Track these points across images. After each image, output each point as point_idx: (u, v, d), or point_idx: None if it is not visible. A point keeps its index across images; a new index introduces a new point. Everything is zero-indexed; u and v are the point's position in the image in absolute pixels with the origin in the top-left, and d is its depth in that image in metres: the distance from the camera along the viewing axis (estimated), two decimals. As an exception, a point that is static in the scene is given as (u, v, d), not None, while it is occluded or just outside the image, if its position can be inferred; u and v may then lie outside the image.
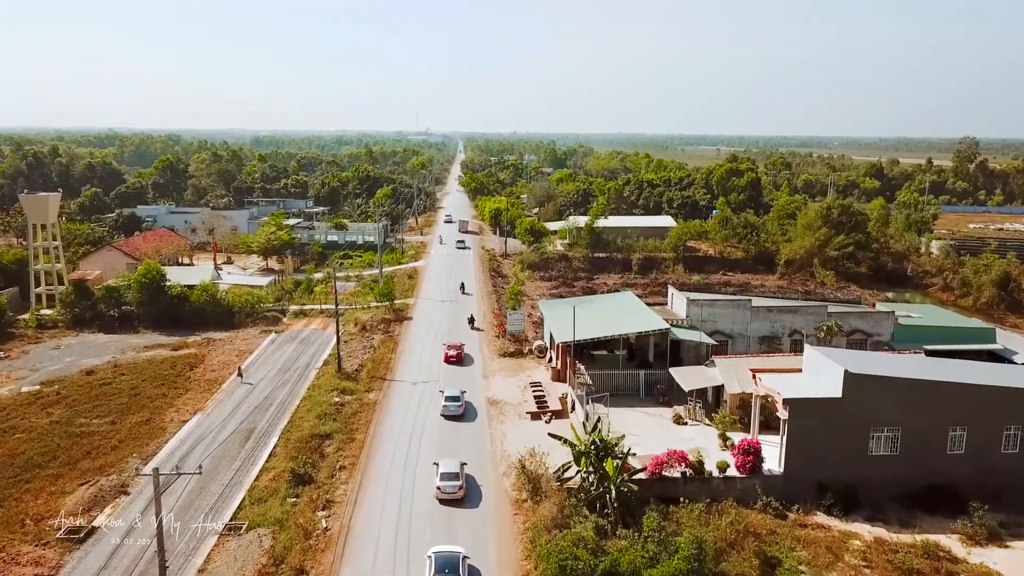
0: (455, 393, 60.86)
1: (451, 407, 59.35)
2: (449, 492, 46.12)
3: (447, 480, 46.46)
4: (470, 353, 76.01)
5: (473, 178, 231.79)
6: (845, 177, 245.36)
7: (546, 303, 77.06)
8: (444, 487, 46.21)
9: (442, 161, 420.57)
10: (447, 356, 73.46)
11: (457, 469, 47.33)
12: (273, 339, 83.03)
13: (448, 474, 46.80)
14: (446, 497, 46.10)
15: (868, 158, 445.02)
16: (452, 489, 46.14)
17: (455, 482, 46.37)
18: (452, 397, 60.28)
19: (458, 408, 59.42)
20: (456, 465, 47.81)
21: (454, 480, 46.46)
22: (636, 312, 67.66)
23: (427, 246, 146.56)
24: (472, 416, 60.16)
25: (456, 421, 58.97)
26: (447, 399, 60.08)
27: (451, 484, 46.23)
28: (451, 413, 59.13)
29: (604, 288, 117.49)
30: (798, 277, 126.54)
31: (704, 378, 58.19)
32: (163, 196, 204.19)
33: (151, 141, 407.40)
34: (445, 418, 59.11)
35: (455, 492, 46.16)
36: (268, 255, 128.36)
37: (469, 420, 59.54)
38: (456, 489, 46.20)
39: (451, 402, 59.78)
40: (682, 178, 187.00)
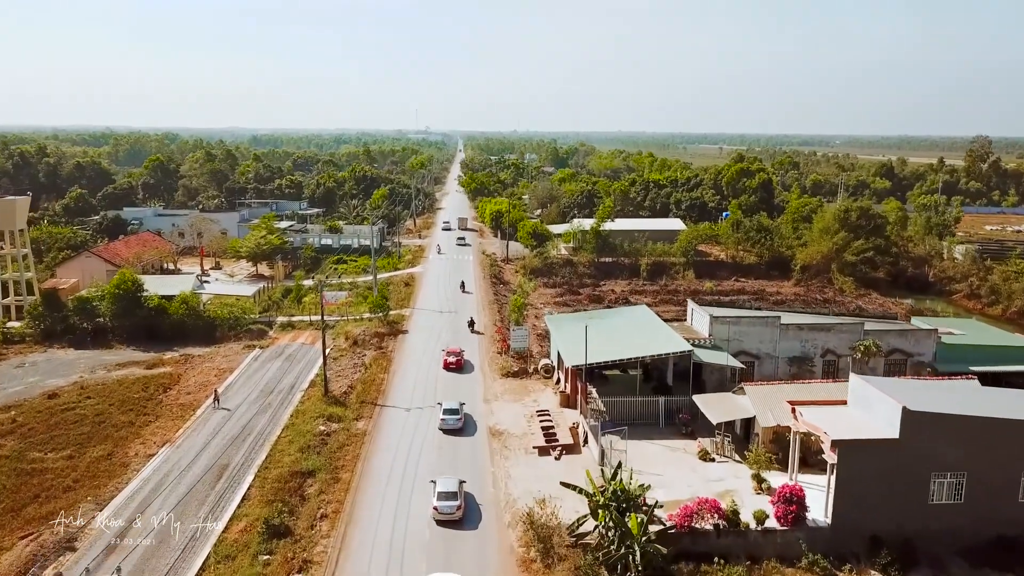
0: (454, 406, 57.40)
1: (449, 420, 56.07)
2: (446, 513, 43.31)
3: (445, 500, 43.63)
4: (470, 360, 72.87)
5: (473, 178, 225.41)
6: (855, 177, 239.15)
7: (553, 318, 70.69)
8: (441, 507, 43.38)
9: (441, 160, 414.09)
10: (446, 363, 70.42)
11: (455, 488, 44.43)
12: (257, 355, 76.69)
13: (447, 493, 43.96)
14: (443, 518, 43.31)
15: (872, 157, 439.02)
16: (450, 509, 43.37)
17: (453, 502, 43.57)
18: (451, 410, 56.86)
19: (457, 422, 56.10)
20: (454, 483, 44.86)
21: (453, 500, 43.66)
22: (654, 330, 61.27)
23: (425, 250, 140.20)
24: (471, 430, 56.62)
25: (455, 436, 55.59)
26: (445, 412, 56.76)
27: (450, 504, 43.46)
28: (449, 427, 55.88)
29: (612, 296, 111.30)
30: (815, 284, 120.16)
31: (733, 409, 51.84)
32: (154, 197, 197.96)
33: (146, 140, 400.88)
34: (443, 432, 55.79)
35: (452, 512, 43.37)
36: (257, 261, 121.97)
37: (468, 435, 56.02)
38: (454, 509, 43.43)
39: (449, 415, 56.42)
40: (689, 178, 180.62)
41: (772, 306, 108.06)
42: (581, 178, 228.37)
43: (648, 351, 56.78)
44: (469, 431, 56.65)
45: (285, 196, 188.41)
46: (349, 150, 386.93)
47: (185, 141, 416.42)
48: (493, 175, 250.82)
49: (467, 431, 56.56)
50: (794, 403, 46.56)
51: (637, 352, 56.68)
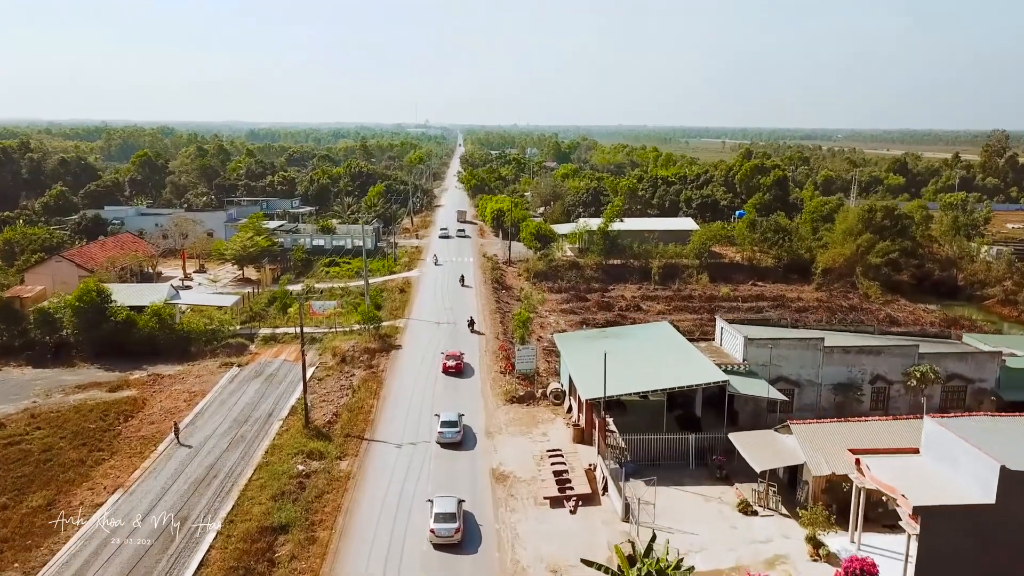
0: (452, 417, 54.13)
1: (447, 434, 52.90)
2: (444, 536, 40.30)
3: (443, 522, 40.65)
4: (470, 363, 70.23)
5: (473, 174, 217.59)
6: (867, 173, 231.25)
7: (563, 338, 63.02)
8: (439, 530, 40.46)
9: (441, 155, 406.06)
10: (445, 367, 67.86)
11: (453, 509, 41.35)
12: (234, 375, 69.19)
13: (444, 514, 40.91)
14: (441, 542, 40.31)
15: (878, 151, 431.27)
16: (448, 532, 40.37)
17: (451, 524, 40.58)
18: (449, 422, 53.64)
19: (455, 435, 52.92)
20: (452, 504, 41.77)
21: (451, 522, 40.63)
22: (682, 355, 53.72)
23: (422, 252, 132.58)
24: (471, 444, 53.53)
25: (453, 450, 52.35)
26: (443, 424, 53.56)
27: (448, 527, 40.49)
28: (447, 440, 52.76)
29: (622, 302, 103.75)
30: (837, 288, 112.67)
31: (778, 453, 44.35)
32: (141, 194, 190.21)
33: (139, 134, 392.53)
34: (440, 445, 52.68)
35: (451, 535, 40.34)
36: (243, 264, 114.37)
37: (467, 448, 52.85)
38: (452, 532, 40.47)
39: (448, 428, 53.24)
40: (699, 175, 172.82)
41: (795, 314, 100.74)
42: (585, 174, 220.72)
43: (677, 381, 49.22)
44: (468, 445, 53.26)
45: (277, 193, 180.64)
46: (347, 144, 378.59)
47: (179, 135, 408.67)
48: (494, 171, 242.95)
49: (466, 445, 53.14)
50: (857, 453, 39.09)
51: (664, 383, 49.14)
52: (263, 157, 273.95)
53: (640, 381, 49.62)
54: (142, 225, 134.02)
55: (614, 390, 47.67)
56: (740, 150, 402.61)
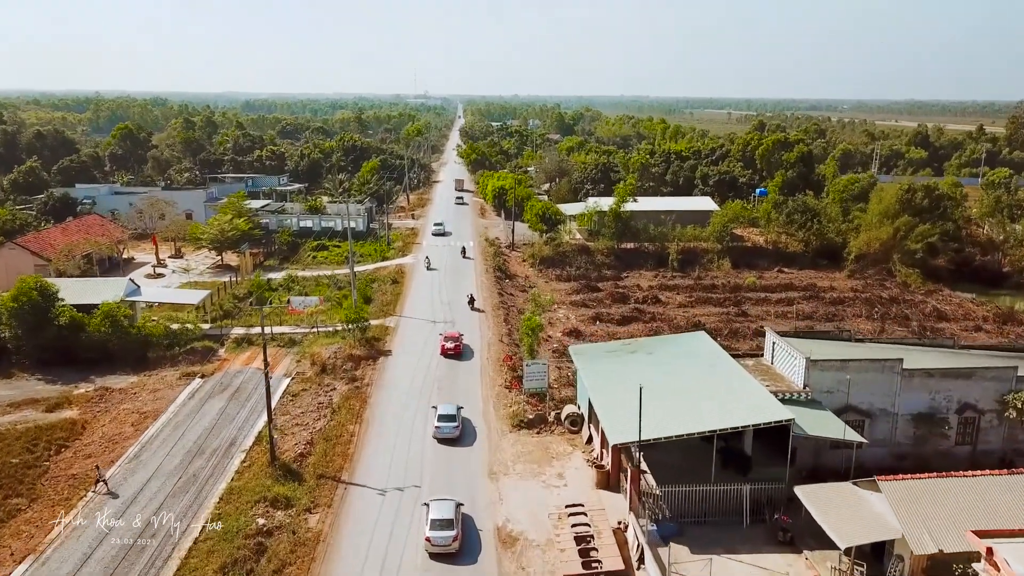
0: (450, 411, 50.82)
1: (445, 428, 49.67)
2: (441, 544, 37.28)
3: (439, 529, 37.61)
4: (470, 344, 67.39)
5: (473, 148, 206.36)
6: (887, 146, 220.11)
7: (581, 353, 52.78)
8: (435, 538, 37.36)
9: (440, 126, 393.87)
10: (444, 348, 65.19)
11: (451, 515, 38.26)
12: (196, 388, 59.52)
13: (441, 521, 37.86)
14: (437, 551, 37.22)
15: (887, 122, 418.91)
16: (444, 541, 37.36)
17: (448, 532, 37.54)
18: (447, 416, 50.36)
19: (454, 430, 49.70)
20: (450, 509, 38.57)
21: (448, 529, 37.64)
22: (729, 380, 43.76)
23: (419, 234, 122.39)
24: (470, 439, 50.10)
25: (451, 446, 49.11)
26: (440, 418, 50.23)
27: (445, 535, 37.46)
28: (445, 435, 49.57)
29: (638, 292, 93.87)
30: (872, 276, 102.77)
31: (864, 519, 34.64)
32: (123, 169, 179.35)
33: (128, 105, 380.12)
34: (437, 441, 49.46)
35: (448, 544, 37.34)
36: (222, 249, 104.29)
37: (466, 444, 49.46)
38: (449, 540, 37.44)
39: (445, 422, 49.95)
40: (713, 149, 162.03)
41: (829, 305, 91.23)
42: (590, 147, 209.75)
43: (730, 421, 39.33)
44: (467, 440, 49.88)
45: (266, 169, 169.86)
46: (344, 116, 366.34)
47: (171, 106, 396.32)
48: (495, 144, 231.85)
49: (465, 440, 49.76)
50: (986, 536, 29.39)
51: (713, 422, 39.25)
52: (255, 129, 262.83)
53: (682, 419, 39.80)
54: (116, 205, 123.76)
55: (651, 432, 37.95)
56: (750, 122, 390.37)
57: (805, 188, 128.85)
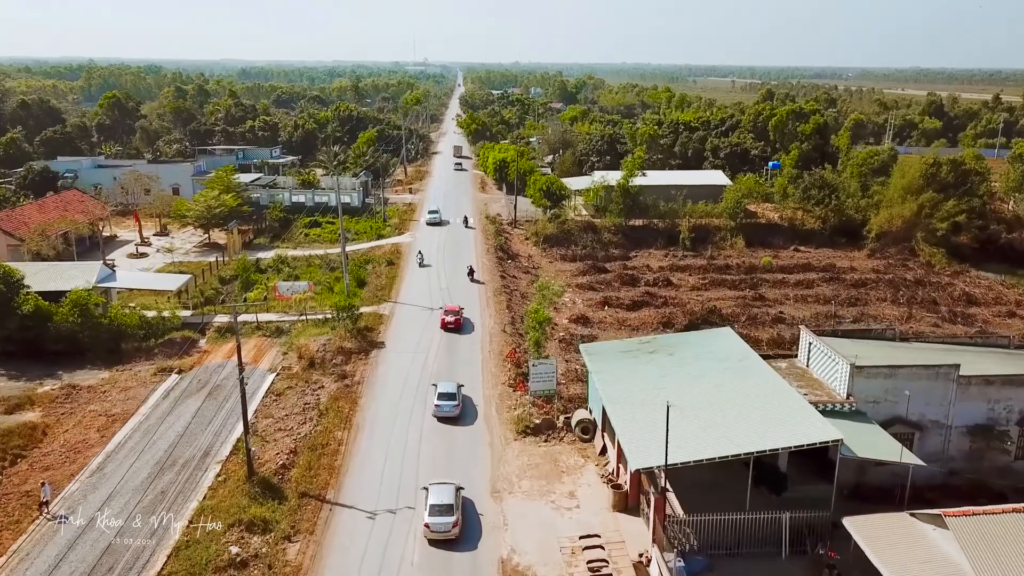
0: (451, 389, 49.82)
1: (445, 407, 48.65)
2: (440, 531, 36.16)
3: (438, 515, 36.39)
4: (470, 318, 66.54)
5: (473, 118, 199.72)
6: (901, 116, 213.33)
7: (593, 353, 47.32)
8: (434, 524, 36.18)
9: (439, 95, 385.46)
10: (444, 322, 64.32)
11: (451, 500, 37.07)
12: (172, 385, 54.61)
13: (440, 506, 36.70)
14: (437, 537, 36.11)
15: (894, 91, 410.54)
16: (444, 527, 36.18)
17: (448, 517, 36.36)
18: (447, 394, 49.33)
19: (454, 408, 48.65)
20: (449, 494, 37.33)
21: (448, 514, 36.43)
22: (763, 390, 38.60)
23: (416, 210, 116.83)
24: (471, 418, 49.12)
25: (451, 424, 48.14)
26: (440, 396, 49.21)
27: (444, 520, 36.21)
28: (445, 414, 48.58)
29: (648, 273, 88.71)
30: (895, 255, 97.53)
31: (930, 562, 29.78)
32: (110, 140, 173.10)
33: (121, 73, 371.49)
34: (437, 419, 48.39)
35: (448, 530, 36.22)
36: (209, 227, 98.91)
37: (467, 423, 48.36)
38: (449, 527, 36.23)
39: (445, 400, 48.94)
40: (723, 119, 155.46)
41: (851, 288, 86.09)
42: (594, 116, 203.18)
43: (770, 442, 34.26)
44: (468, 419, 48.77)
45: (258, 140, 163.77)
46: (341, 84, 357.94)
47: (164, 74, 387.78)
48: (496, 114, 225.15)
49: (466, 419, 48.69)
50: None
51: (750, 444, 34.14)
52: (250, 98, 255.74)
53: (713, 439, 34.75)
54: (99, 179, 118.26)
55: (678, 454, 32.99)
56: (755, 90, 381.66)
57: (821, 162, 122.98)
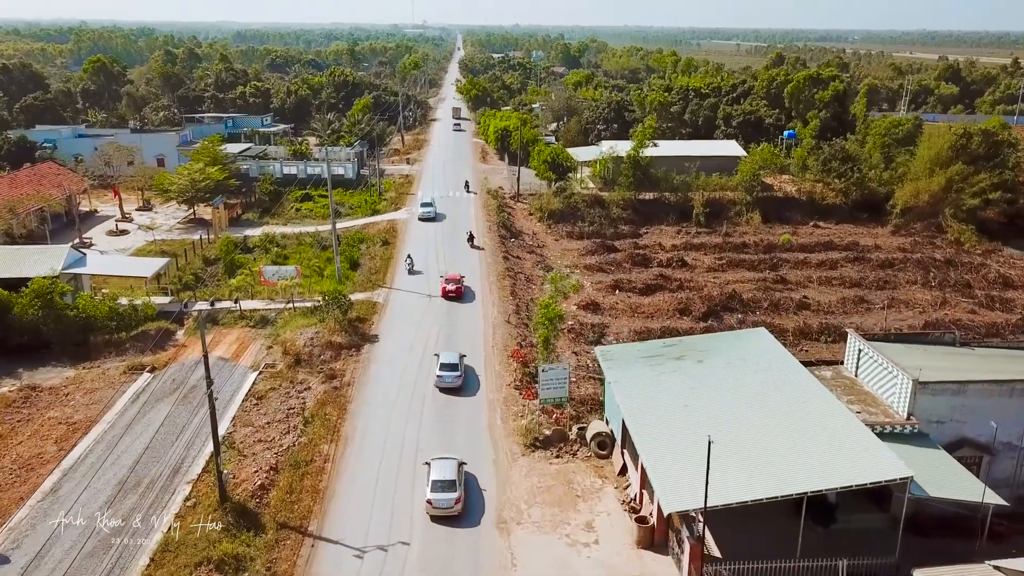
0: (452, 360, 48.90)
1: (447, 378, 47.96)
2: (443, 507, 34.87)
3: (440, 491, 35.19)
4: (471, 286, 66.01)
5: (474, 84, 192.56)
6: (916, 81, 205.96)
7: (611, 358, 41.61)
8: (437, 500, 34.96)
9: (438, 59, 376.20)
10: (444, 291, 63.56)
11: (453, 476, 35.83)
12: (143, 386, 49.50)
13: (443, 482, 35.50)
14: (439, 513, 34.97)
15: (903, 55, 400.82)
16: (447, 503, 34.89)
17: (451, 493, 35.06)
18: (449, 364, 48.48)
19: (456, 379, 48.01)
20: (452, 469, 36.18)
21: (451, 490, 35.13)
22: (813, 411, 33.36)
23: (413, 182, 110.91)
24: (473, 389, 48.37)
25: (453, 395, 47.66)
26: (442, 367, 48.35)
27: (447, 497, 34.96)
28: (447, 385, 47.95)
29: (660, 253, 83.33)
30: (921, 231, 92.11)
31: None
32: (96, 107, 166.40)
33: (110, 36, 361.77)
34: (440, 390, 47.75)
35: (450, 507, 34.91)
36: (194, 202, 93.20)
37: (469, 394, 47.74)
38: (452, 503, 35.07)
39: (447, 371, 48.15)
40: (735, 85, 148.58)
41: (877, 269, 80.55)
42: (598, 81, 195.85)
43: (827, 480, 29.11)
44: (470, 390, 48.10)
45: (249, 107, 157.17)
46: (338, 48, 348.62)
47: (155, 38, 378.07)
48: (497, 79, 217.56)
49: (468, 390, 48.03)
50: None
51: (803, 481, 28.99)
52: (243, 62, 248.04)
53: (758, 475, 29.55)
54: (80, 149, 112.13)
55: (719, 495, 27.89)
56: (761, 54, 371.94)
57: (839, 131, 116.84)
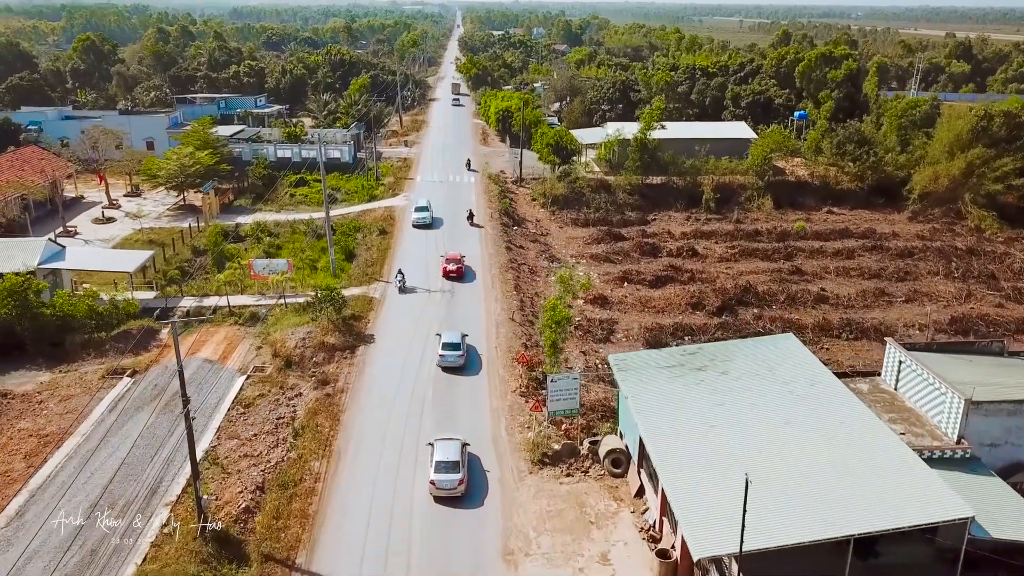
0: (455, 339, 48.93)
1: (449, 357, 48.01)
2: (446, 488, 35.21)
3: (444, 472, 35.31)
4: (471, 266, 65.89)
5: (474, 62, 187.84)
6: (927, 59, 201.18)
7: (626, 368, 37.89)
8: (440, 481, 35.14)
9: (438, 36, 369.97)
10: (445, 271, 63.77)
11: (457, 456, 36.01)
12: (122, 391, 46.20)
13: (446, 463, 35.60)
14: (442, 495, 35.12)
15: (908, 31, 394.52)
16: (450, 484, 35.19)
17: (454, 475, 35.25)
18: (451, 344, 48.50)
19: (458, 358, 48.06)
20: (455, 450, 36.21)
21: (454, 472, 35.34)
22: (854, 432, 30.01)
23: (412, 166, 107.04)
24: (475, 368, 48.39)
25: (455, 374, 47.55)
26: (444, 346, 48.39)
27: (450, 478, 35.20)
28: (449, 364, 47.97)
29: (669, 241, 79.90)
30: (940, 217, 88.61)
31: None
32: (86, 87, 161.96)
33: (104, 13, 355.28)
34: (442, 369, 47.69)
35: (454, 487, 35.23)
36: (183, 188, 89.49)
37: (472, 373, 47.62)
38: (455, 484, 35.17)
39: (449, 350, 48.14)
40: (743, 64, 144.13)
41: (896, 259, 77.08)
42: (601, 59, 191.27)
43: (878, 520, 25.86)
44: (472, 369, 48.10)
45: (243, 87, 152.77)
46: (336, 25, 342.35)
47: (149, 15, 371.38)
48: (498, 57, 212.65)
49: (470, 369, 48.02)
50: None
51: (850, 522, 25.73)
52: (239, 40, 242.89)
53: (798, 510, 26.31)
54: (66, 132, 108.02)
55: (755, 537, 24.65)
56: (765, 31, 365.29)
57: (852, 112, 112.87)
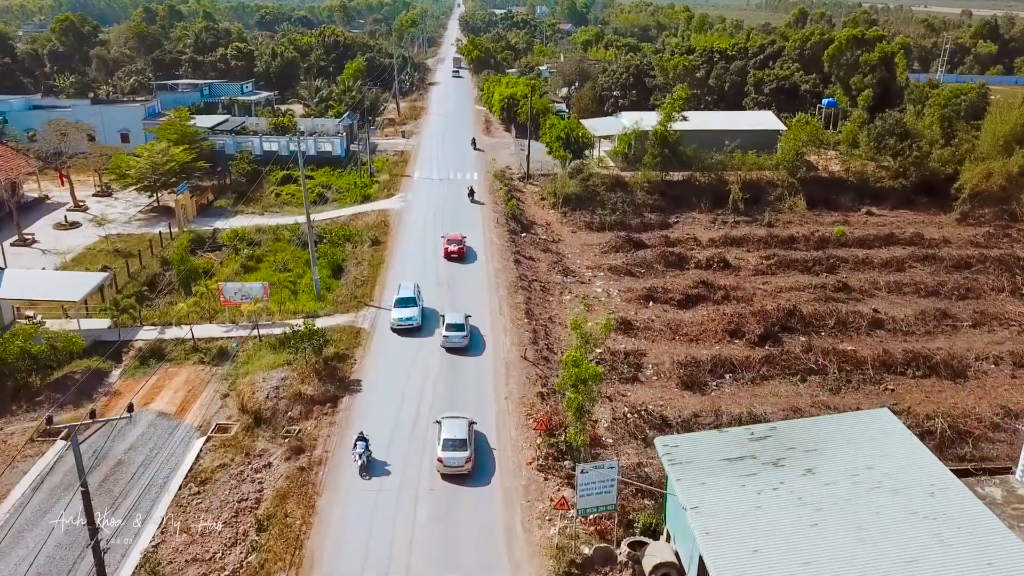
0: (458, 320, 47.86)
1: (453, 338, 46.94)
2: (454, 466, 35.24)
3: (451, 449, 35.68)
4: (472, 247, 65.07)
5: (476, 44, 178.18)
6: (952, 39, 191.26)
7: (678, 460, 29.28)
8: (447, 459, 35.42)
9: (437, 15, 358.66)
10: (447, 251, 62.78)
11: (464, 434, 36.09)
12: (52, 462, 37.92)
13: (454, 440, 35.97)
14: (450, 472, 35.36)
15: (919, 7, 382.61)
16: (457, 462, 35.23)
17: (462, 452, 35.35)
18: (454, 325, 47.42)
19: (462, 339, 47.07)
20: (463, 428, 36.49)
21: (462, 449, 35.52)
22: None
23: (409, 161, 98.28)
24: (478, 348, 47.29)
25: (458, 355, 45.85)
26: (448, 327, 47.17)
27: (458, 455, 35.29)
28: (453, 345, 46.93)
29: (695, 249, 71.58)
30: (992, 219, 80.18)
31: None
32: (66, 71, 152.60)
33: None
34: (446, 350, 46.65)
35: (461, 465, 35.25)
36: (156, 189, 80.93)
37: (474, 353, 46.69)
38: (463, 462, 35.21)
39: (453, 331, 47.09)
40: (762, 46, 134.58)
41: (952, 271, 68.09)
42: (608, 39, 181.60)
43: None
44: (475, 349, 47.36)
45: (231, 71, 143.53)
46: (332, 4, 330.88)
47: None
48: (501, 38, 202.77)
49: (473, 349, 47.25)
50: None
51: None
52: (231, 19, 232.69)
53: None
54: (33, 123, 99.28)
55: None
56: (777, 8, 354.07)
57: (886, 100, 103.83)
